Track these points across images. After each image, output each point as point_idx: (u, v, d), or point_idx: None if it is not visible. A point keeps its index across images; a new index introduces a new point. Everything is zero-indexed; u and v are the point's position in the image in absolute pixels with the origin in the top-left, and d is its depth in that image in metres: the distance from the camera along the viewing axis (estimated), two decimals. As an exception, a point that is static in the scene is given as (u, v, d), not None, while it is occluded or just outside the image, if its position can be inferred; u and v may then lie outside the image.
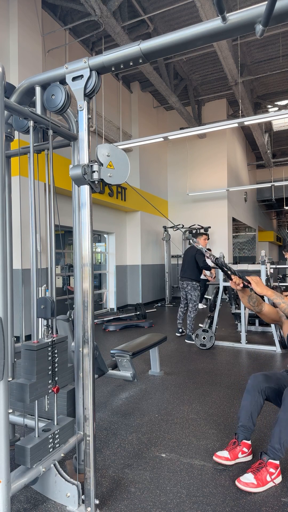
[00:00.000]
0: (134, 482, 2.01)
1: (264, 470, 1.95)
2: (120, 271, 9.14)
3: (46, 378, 1.74)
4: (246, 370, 4.03)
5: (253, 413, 2.19)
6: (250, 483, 1.92)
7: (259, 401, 2.19)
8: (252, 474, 1.95)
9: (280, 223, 25.96)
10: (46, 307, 1.76)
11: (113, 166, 1.77)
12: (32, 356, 1.67)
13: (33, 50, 5.84)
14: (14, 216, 5.53)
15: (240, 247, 17.57)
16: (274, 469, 1.95)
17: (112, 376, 3.22)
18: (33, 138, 1.82)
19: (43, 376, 1.72)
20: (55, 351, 1.80)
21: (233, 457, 2.16)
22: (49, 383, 1.76)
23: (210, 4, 5.30)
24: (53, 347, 1.79)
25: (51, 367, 1.78)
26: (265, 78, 9.65)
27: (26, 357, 1.69)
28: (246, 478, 1.94)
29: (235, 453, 2.17)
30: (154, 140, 6.56)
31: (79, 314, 1.97)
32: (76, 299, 1.97)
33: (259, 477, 1.93)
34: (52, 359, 1.78)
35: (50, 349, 1.77)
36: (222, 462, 2.16)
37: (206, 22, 1.53)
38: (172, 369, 4.11)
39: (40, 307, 1.77)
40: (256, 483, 1.92)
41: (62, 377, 1.85)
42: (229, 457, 2.15)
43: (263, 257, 5.03)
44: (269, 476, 1.94)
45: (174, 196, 11.41)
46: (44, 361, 1.73)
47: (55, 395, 1.84)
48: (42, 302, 1.77)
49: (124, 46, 1.68)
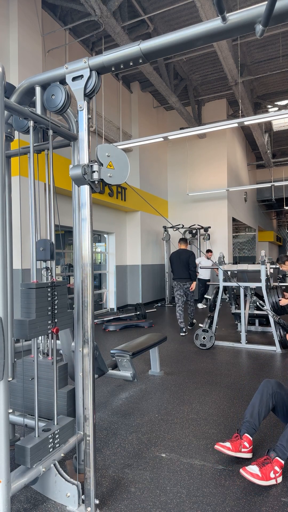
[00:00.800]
0: (134, 482, 2.01)
1: (270, 466, 1.96)
2: (120, 271, 9.15)
3: (46, 317, 1.74)
4: (246, 370, 4.03)
5: (261, 412, 2.21)
6: (256, 474, 1.93)
7: (268, 402, 2.22)
8: (257, 467, 1.97)
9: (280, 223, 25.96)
10: (46, 249, 1.75)
11: (113, 166, 1.77)
12: (31, 294, 1.67)
13: (33, 50, 5.84)
14: (14, 216, 5.53)
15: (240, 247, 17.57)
16: (279, 468, 1.97)
17: (112, 376, 3.22)
18: (33, 138, 1.82)
19: (42, 315, 1.71)
20: (54, 293, 1.79)
21: (234, 448, 2.16)
22: (49, 323, 1.76)
23: (210, 4, 5.30)
24: (53, 288, 1.78)
25: (51, 307, 1.77)
26: (265, 78, 9.65)
27: (26, 296, 1.69)
28: (252, 469, 1.96)
29: (237, 445, 2.17)
30: (154, 140, 6.56)
31: (79, 314, 1.97)
32: (76, 299, 1.97)
33: (263, 471, 1.95)
34: (51, 300, 1.77)
35: (50, 290, 1.76)
36: (224, 451, 2.15)
37: (206, 22, 1.53)
38: (172, 369, 4.11)
39: (40, 249, 1.76)
40: (261, 476, 1.93)
41: (62, 321, 1.85)
42: (231, 447, 2.16)
43: (263, 257, 5.03)
44: (273, 473, 1.95)
45: (174, 196, 11.41)
46: (44, 300, 1.72)
47: (55, 396, 1.84)
48: (41, 244, 1.75)
49: (124, 46, 1.68)
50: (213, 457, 2.26)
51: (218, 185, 10.71)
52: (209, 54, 8.40)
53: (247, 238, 17.65)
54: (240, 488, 1.94)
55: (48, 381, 2.03)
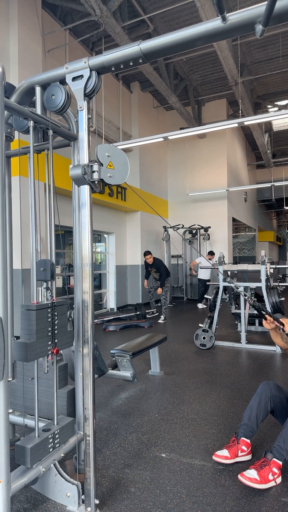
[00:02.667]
0: (134, 482, 2.01)
1: (268, 468, 1.95)
2: (120, 271, 9.14)
3: (46, 339, 1.74)
4: (246, 370, 4.03)
5: (258, 416, 2.19)
6: (253, 479, 1.93)
7: (267, 406, 2.20)
8: (255, 471, 1.96)
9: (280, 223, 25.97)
10: (46, 269, 1.75)
11: (113, 166, 1.77)
12: (32, 316, 1.67)
13: (33, 50, 5.84)
14: (14, 216, 5.53)
15: (240, 247, 17.57)
16: (277, 469, 1.96)
17: (112, 376, 3.22)
18: (33, 138, 1.82)
19: (42, 336, 1.71)
20: (55, 313, 1.79)
21: (232, 455, 2.16)
22: (49, 344, 1.76)
23: (210, 4, 5.30)
24: (53, 309, 1.78)
25: (51, 328, 1.77)
26: (265, 78, 9.65)
27: (26, 317, 1.69)
28: (250, 474, 1.95)
29: (234, 451, 2.17)
30: (154, 140, 6.56)
31: (79, 314, 1.97)
32: (76, 299, 1.97)
33: (261, 474, 1.94)
34: (52, 320, 1.77)
35: (50, 310, 1.76)
36: (222, 461, 2.16)
37: (206, 22, 1.53)
38: (172, 369, 4.11)
39: (40, 270, 1.76)
40: (259, 479, 1.93)
41: (62, 340, 1.85)
42: (228, 456, 2.15)
43: (263, 257, 5.03)
44: (271, 475, 1.94)
45: (174, 196, 11.41)
46: (44, 322, 1.72)
47: (55, 396, 1.84)
48: (42, 264, 1.76)
49: (124, 46, 1.68)
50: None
51: (218, 185, 10.71)
52: (209, 54, 8.40)
53: (247, 238, 17.65)
54: (240, 488, 1.94)
55: (48, 381, 2.03)
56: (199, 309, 9.08)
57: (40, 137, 2.11)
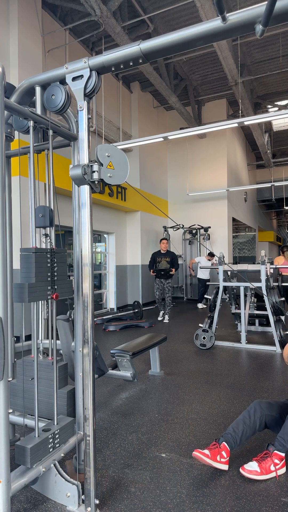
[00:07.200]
0: (134, 482, 2.01)
1: (269, 459, 1.98)
2: (120, 271, 9.14)
3: (46, 283, 1.73)
4: (246, 370, 4.03)
5: (245, 432, 2.11)
6: (254, 471, 1.95)
7: (255, 425, 2.13)
8: (256, 463, 1.98)
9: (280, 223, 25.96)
10: (45, 215, 1.73)
11: (113, 166, 1.77)
12: (31, 259, 1.67)
13: (33, 50, 5.84)
14: (14, 216, 5.53)
15: (240, 247, 17.56)
16: (279, 460, 1.98)
17: (112, 376, 3.22)
18: (33, 138, 1.81)
19: (42, 280, 1.70)
20: (54, 260, 1.79)
21: (212, 456, 2.04)
22: (49, 289, 1.75)
23: (210, 4, 5.30)
24: (52, 255, 1.77)
25: (50, 274, 1.76)
26: (265, 78, 9.65)
27: (25, 260, 1.68)
28: (250, 466, 1.97)
29: (215, 453, 2.05)
30: (154, 140, 6.56)
31: (79, 314, 1.97)
32: (76, 299, 1.97)
33: (263, 465, 1.96)
34: (51, 266, 1.77)
35: (49, 256, 1.75)
36: (202, 457, 2.03)
37: (206, 22, 1.53)
38: (172, 369, 4.11)
39: (39, 216, 1.75)
40: (260, 471, 1.95)
41: (62, 288, 1.84)
42: (209, 455, 2.05)
43: (263, 257, 5.03)
44: (273, 466, 1.97)
45: (174, 196, 11.41)
46: (43, 266, 1.71)
47: (55, 396, 1.84)
48: (40, 210, 1.74)
49: (124, 46, 1.68)
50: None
51: (218, 185, 10.70)
52: (209, 54, 8.40)
53: (247, 238, 17.65)
54: (240, 488, 1.94)
55: (48, 381, 2.03)
56: (199, 309, 9.07)
57: (40, 137, 2.11)
